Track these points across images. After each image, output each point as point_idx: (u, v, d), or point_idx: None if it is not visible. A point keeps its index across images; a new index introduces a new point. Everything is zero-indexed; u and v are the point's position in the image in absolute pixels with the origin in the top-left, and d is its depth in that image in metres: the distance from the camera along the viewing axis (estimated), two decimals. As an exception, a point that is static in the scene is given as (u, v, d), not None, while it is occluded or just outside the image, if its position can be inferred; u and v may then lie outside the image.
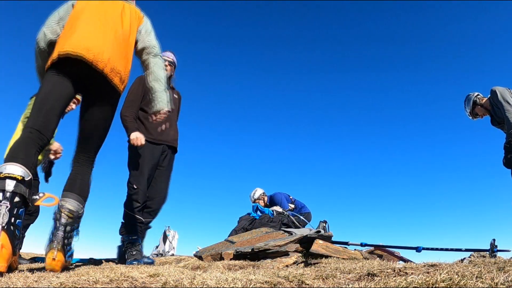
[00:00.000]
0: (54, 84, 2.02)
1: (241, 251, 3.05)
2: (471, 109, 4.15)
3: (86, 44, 2.04)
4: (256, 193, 6.33)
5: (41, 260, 4.01)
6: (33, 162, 1.86)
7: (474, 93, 4.18)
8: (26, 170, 1.74)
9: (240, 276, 1.57)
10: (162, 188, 3.52)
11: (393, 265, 1.81)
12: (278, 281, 1.51)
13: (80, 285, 1.43)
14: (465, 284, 1.17)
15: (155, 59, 2.37)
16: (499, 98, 3.69)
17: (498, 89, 3.73)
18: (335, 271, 1.77)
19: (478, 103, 4.10)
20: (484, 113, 4.06)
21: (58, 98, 2.00)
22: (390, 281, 1.34)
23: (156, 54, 2.39)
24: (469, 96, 4.21)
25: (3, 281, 1.56)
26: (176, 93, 3.87)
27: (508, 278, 1.19)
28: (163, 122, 3.04)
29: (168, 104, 2.41)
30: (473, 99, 4.13)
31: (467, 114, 4.24)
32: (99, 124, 2.17)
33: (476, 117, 4.17)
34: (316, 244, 2.97)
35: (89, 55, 2.01)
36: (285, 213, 5.07)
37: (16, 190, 1.66)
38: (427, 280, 1.23)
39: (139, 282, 1.52)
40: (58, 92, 2.01)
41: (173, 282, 1.46)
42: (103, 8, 2.28)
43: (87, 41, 2.05)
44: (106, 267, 2.19)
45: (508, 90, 3.71)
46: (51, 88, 2.00)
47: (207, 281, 1.44)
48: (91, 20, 2.18)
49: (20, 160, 1.75)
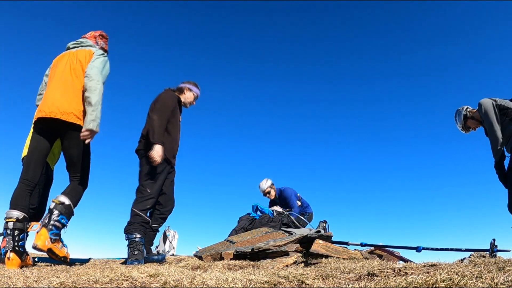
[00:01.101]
0: (37, 141, 2.87)
1: (241, 251, 3.05)
2: (463, 124, 4.14)
3: (43, 107, 2.85)
4: (266, 183, 6.13)
5: (41, 260, 4.01)
6: (26, 204, 2.73)
7: (463, 107, 4.17)
8: (22, 213, 2.65)
9: (240, 276, 1.57)
10: (172, 197, 3.79)
11: (393, 265, 1.81)
12: (278, 281, 1.51)
13: (80, 285, 1.44)
14: (465, 284, 1.17)
15: (88, 83, 2.87)
16: (483, 116, 3.72)
17: (484, 103, 3.73)
18: (335, 271, 1.77)
19: (469, 116, 4.09)
20: (476, 125, 4.04)
21: (40, 153, 2.87)
22: (390, 281, 1.34)
23: (91, 75, 2.88)
24: (459, 111, 4.20)
25: (3, 281, 1.56)
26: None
27: (508, 278, 1.19)
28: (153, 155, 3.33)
29: (95, 124, 2.80)
30: (463, 113, 4.12)
31: (460, 129, 4.22)
32: (75, 154, 2.90)
33: (469, 130, 4.16)
34: (316, 244, 2.97)
35: (45, 113, 2.80)
36: (285, 213, 5.07)
37: (14, 227, 2.58)
38: (427, 280, 1.23)
39: (139, 282, 1.52)
40: (40, 148, 2.86)
41: (173, 282, 1.46)
42: (59, 66, 3.03)
43: (44, 104, 2.86)
44: (106, 267, 2.20)
45: (493, 103, 3.68)
46: (35, 145, 2.87)
47: (207, 281, 1.44)
48: (51, 83, 2.99)
49: (18, 207, 2.66)
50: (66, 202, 2.74)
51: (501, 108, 3.65)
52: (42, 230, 2.61)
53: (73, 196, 2.83)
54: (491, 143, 3.66)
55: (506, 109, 3.63)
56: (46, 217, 2.67)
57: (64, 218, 2.72)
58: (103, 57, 3.06)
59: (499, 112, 3.65)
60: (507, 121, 3.59)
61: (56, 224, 2.66)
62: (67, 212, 2.74)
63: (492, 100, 3.72)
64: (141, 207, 3.38)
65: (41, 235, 2.59)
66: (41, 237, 2.58)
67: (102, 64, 2.98)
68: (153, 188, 3.45)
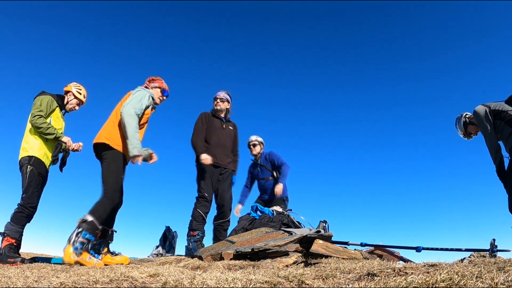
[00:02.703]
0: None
1: (241, 251, 3.05)
2: (464, 131, 4.15)
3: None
4: (257, 137, 5.52)
5: (41, 260, 4.02)
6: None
7: (462, 114, 4.19)
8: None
9: (240, 276, 1.57)
10: (227, 198, 4.60)
11: (393, 265, 1.81)
12: (278, 281, 1.51)
13: (80, 285, 1.44)
14: (465, 284, 1.17)
15: (122, 116, 3.30)
16: (478, 124, 3.78)
17: (477, 111, 3.77)
18: (335, 271, 1.77)
19: (468, 122, 4.11)
20: (477, 130, 4.05)
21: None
22: (390, 281, 1.34)
23: (122, 113, 3.30)
24: (458, 118, 4.21)
25: (3, 281, 1.56)
26: (231, 125, 4.88)
27: (508, 278, 1.19)
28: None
29: (135, 150, 3.21)
30: (463, 120, 4.14)
31: (461, 136, 4.23)
32: (101, 170, 3.31)
33: (471, 136, 4.18)
34: (316, 244, 2.97)
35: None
36: (285, 213, 5.06)
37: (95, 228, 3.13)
38: (427, 280, 1.23)
39: (139, 282, 1.52)
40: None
41: (173, 282, 1.46)
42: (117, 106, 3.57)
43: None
44: (106, 267, 2.20)
45: (486, 110, 3.71)
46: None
47: (207, 281, 1.44)
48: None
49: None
50: (89, 219, 3.04)
51: (496, 112, 3.67)
52: (67, 247, 2.92)
53: (96, 211, 3.13)
54: (488, 150, 3.68)
55: (501, 112, 3.64)
56: (72, 234, 2.98)
57: (87, 233, 3.02)
58: (137, 92, 3.48)
59: (494, 117, 3.67)
60: (503, 124, 3.62)
61: (80, 240, 2.96)
62: (90, 228, 3.03)
63: (485, 107, 3.73)
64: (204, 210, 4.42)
65: (66, 252, 2.91)
66: (66, 254, 2.91)
67: (132, 99, 3.40)
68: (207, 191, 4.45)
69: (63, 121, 4.12)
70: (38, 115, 3.70)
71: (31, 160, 3.68)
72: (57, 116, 3.97)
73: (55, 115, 3.94)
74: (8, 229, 3.51)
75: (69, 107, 4.16)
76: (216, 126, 4.67)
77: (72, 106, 4.17)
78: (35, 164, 3.68)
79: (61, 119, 4.05)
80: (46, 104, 3.81)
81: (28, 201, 3.61)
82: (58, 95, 4.08)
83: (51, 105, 3.86)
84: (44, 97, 3.87)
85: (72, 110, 4.21)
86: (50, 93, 3.98)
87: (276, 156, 5.43)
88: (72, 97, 4.14)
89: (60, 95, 4.10)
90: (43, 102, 3.80)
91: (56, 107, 3.95)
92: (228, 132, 4.79)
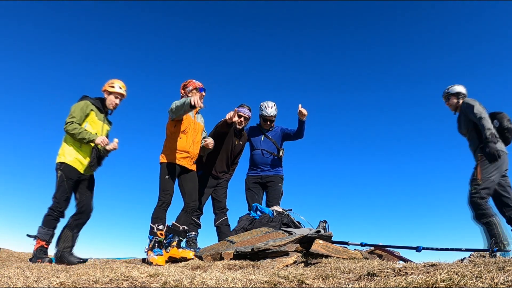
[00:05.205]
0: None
1: (241, 251, 3.05)
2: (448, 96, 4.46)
3: None
4: (275, 109, 5.10)
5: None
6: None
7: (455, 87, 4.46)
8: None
9: (240, 276, 1.57)
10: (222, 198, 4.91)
11: (393, 265, 1.81)
12: (278, 281, 1.51)
13: (80, 285, 1.44)
14: (465, 284, 1.18)
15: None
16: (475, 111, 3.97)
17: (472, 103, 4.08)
18: (335, 271, 1.77)
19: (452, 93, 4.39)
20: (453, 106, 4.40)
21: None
22: (390, 281, 1.34)
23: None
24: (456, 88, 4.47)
25: (3, 281, 1.56)
26: (243, 139, 4.96)
27: (508, 278, 1.19)
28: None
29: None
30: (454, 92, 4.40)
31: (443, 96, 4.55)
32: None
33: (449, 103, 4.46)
34: (316, 244, 2.97)
35: None
36: (285, 213, 5.06)
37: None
38: (427, 280, 1.23)
39: (139, 282, 1.52)
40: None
41: (173, 282, 1.46)
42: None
43: None
44: (106, 267, 2.20)
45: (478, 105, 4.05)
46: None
47: (207, 281, 1.44)
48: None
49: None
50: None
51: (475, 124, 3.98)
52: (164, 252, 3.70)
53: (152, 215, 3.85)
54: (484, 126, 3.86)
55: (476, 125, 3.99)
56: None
57: (150, 237, 3.71)
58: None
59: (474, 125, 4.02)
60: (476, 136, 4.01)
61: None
62: (149, 231, 3.76)
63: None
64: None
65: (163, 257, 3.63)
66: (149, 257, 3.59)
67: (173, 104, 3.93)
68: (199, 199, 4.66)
69: (103, 124, 4.06)
70: (69, 122, 3.76)
71: (61, 166, 3.80)
72: (93, 120, 3.94)
73: (90, 119, 3.93)
74: (40, 232, 3.75)
75: (110, 106, 4.09)
76: (229, 146, 4.76)
77: (111, 104, 4.08)
78: (64, 170, 3.79)
79: (99, 122, 4.00)
80: (80, 109, 3.84)
81: (56, 205, 3.77)
82: (98, 98, 4.08)
83: (85, 110, 3.88)
84: (79, 103, 3.92)
85: (115, 107, 4.12)
86: (89, 97, 4.00)
87: (287, 127, 5.22)
88: (107, 94, 4.09)
89: (100, 98, 4.10)
90: (76, 108, 3.85)
91: (91, 110, 3.93)
92: (237, 147, 4.90)
